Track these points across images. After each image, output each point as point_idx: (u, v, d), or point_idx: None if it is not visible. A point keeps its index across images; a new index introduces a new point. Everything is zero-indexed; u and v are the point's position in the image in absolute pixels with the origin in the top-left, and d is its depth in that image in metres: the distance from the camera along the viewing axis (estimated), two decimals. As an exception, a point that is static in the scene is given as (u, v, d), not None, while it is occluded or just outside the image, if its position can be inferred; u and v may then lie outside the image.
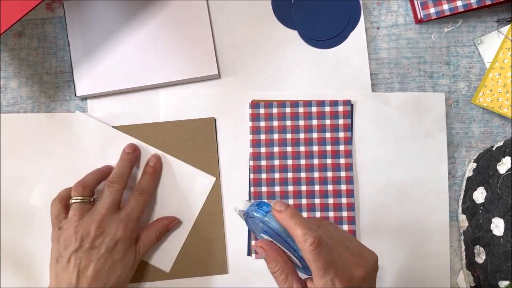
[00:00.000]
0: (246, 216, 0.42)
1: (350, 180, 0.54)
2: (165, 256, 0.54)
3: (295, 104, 0.54)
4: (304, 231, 0.38)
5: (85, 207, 0.49)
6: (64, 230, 0.48)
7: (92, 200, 0.50)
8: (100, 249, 0.47)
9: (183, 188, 0.54)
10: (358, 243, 0.44)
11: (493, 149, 0.52)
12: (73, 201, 0.49)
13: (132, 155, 0.53)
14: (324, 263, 0.37)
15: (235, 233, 0.54)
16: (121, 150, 0.53)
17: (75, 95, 0.54)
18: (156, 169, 0.53)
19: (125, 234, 0.48)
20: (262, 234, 0.41)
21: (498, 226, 0.48)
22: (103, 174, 0.52)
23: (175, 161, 0.54)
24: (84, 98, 0.55)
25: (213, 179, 0.54)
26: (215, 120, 0.55)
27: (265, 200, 0.48)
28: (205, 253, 0.54)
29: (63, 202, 0.50)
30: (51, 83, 0.56)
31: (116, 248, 0.47)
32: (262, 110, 0.55)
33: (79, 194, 0.49)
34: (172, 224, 0.53)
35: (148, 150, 0.54)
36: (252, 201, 0.43)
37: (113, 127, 0.55)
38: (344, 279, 0.38)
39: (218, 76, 0.55)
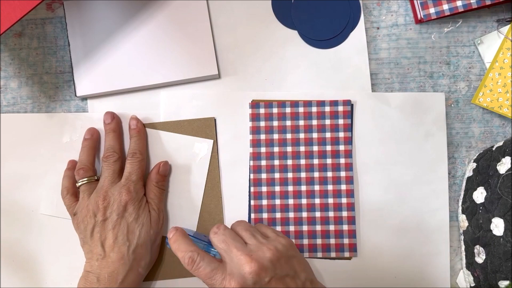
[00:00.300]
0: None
1: (350, 180, 0.54)
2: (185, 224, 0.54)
3: (295, 104, 0.54)
4: (182, 254, 0.45)
5: (91, 186, 0.51)
6: (79, 214, 0.50)
7: (96, 178, 0.52)
8: (112, 217, 0.48)
9: (184, 158, 0.54)
10: (269, 233, 0.48)
11: (493, 149, 0.52)
12: (80, 184, 0.52)
13: (113, 124, 0.53)
14: (206, 274, 0.43)
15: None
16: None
17: (75, 95, 0.54)
18: (139, 129, 0.53)
19: (130, 196, 0.49)
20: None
21: (498, 226, 0.48)
22: (94, 147, 0.54)
23: (167, 135, 0.54)
24: (84, 98, 0.56)
25: (211, 141, 0.54)
26: (215, 120, 0.55)
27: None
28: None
29: (71, 191, 0.52)
30: (51, 83, 0.56)
31: (127, 211, 0.49)
32: (262, 110, 0.55)
33: (83, 176, 0.52)
34: (161, 167, 0.53)
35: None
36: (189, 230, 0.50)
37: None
38: (233, 279, 0.42)
39: (218, 76, 0.55)
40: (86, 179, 0.51)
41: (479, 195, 0.51)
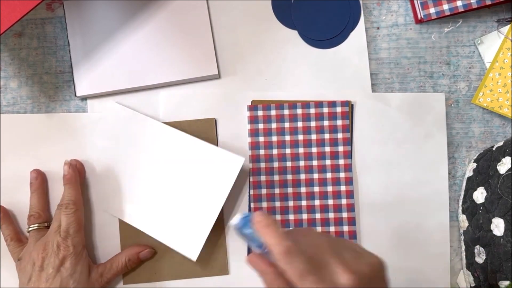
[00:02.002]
0: (238, 230, 0.41)
1: (349, 181, 0.54)
2: (192, 244, 0.51)
3: (293, 105, 0.54)
4: (276, 240, 0.37)
5: (40, 233, 0.51)
6: (23, 260, 0.50)
7: (47, 225, 0.52)
8: (47, 270, 0.48)
9: (207, 172, 0.52)
10: (358, 250, 0.42)
11: (493, 149, 0.52)
12: (30, 229, 0.51)
13: (70, 176, 0.52)
14: (298, 271, 0.36)
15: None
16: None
17: (75, 95, 0.54)
18: (70, 177, 0.51)
19: (67, 251, 0.48)
20: (254, 247, 0.40)
21: (498, 226, 0.48)
22: (43, 190, 0.53)
23: (196, 142, 0.52)
24: (84, 98, 0.55)
25: (242, 159, 0.51)
26: (215, 120, 0.55)
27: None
28: (206, 254, 0.54)
29: (15, 238, 0.52)
30: (51, 83, 0.56)
31: (63, 266, 0.48)
32: (260, 113, 0.55)
33: (33, 223, 0.52)
34: (144, 252, 0.52)
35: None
36: (244, 213, 0.41)
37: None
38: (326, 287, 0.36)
39: (218, 76, 0.55)
40: (36, 225, 0.51)
41: (479, 195, 0.51)
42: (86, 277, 0.49)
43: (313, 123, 0.54)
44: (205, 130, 0.54)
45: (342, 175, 0.54)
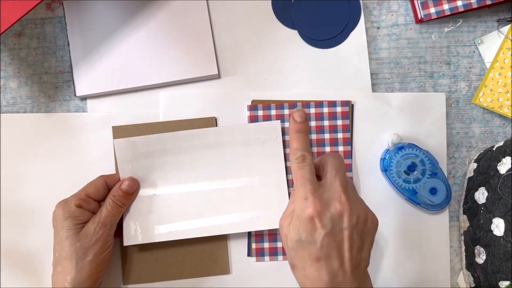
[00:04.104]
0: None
1: (350, 181, 0.54)
2: (279, 215, 0.50)
3: (293, 105, 0.54)
4: (297, 146, 0.44)
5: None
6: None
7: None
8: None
9: (256, 147, 0.53)
10: (365, 205, 0.45)
11: (494, 149, 0.52)
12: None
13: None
14: (304, 177, 0.42)
15: (237, 233, 0.54)
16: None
17: (75, 95, 0.54)
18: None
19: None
20: None
21: (498, 226, 0.48)
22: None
23: (229, 128, 0.53)
24: (84, 98, 0.55)
25: (278, 122, 0.53)
26: (215, 119, 0.55)
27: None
28: (207, 253, 0.54)
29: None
30: (51, 83, 0.56)
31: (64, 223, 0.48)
32: (260, 112, 0.54)
33: None
34: (124, 183, 0.51)
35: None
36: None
37: (113, 127, 0.54)
38: (318, 199, 0.41)
39: (218, 76, 0.55)
40: None
41: (481, 195, 0.51)
42: (76, 234, 0.48)
43: (313, 123, 0.54)
44: (205, 128, 0.54)
45: (342, 175, 0.54)
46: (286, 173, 0.53)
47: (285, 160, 0.53)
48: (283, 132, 0.53)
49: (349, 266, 0.41)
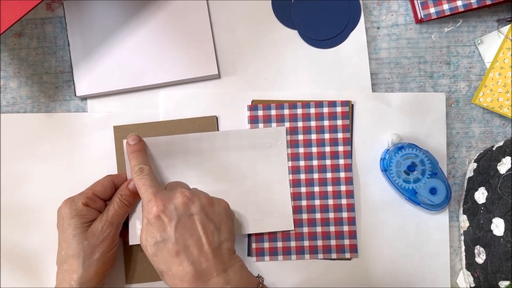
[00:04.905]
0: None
1: (349, 181, 0.54)
2: (282, 217, 0.53)
3: (293, 105, 0.54)
4: (135, 162, 0.48)
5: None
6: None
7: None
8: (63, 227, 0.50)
9: (259, 151, 0.53)
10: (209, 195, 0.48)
11: (493, 149, 0.52)
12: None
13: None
14: (145, 184, 0.46)
15: (237, 233, 0.54)
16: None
17: (75, 95, 0.54)
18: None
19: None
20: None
21: (498, 226, 0.48)
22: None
23: (235, 133, 0.53)
24: (84, 98, 0.55)
25: (283, 128, 0.54)
26: (217, 118, 0.55)
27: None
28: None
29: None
30: (51, 83, 0.56)
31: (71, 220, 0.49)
32: (260, 112, 0.54)
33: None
34: (132, 183, 0.51)
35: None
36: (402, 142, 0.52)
37: (114, 126, 0.54)
38: (159, 197, 0.44)
39: (218, 76, 0.55)
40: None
41: (481, 195, 0.51)
42: (83, 232, 0.48)
43: (313, 123, 0.54)
44: (206, 127, 0.54)
45: (342, 175, 0.54)
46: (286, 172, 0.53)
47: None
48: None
49: (210, 251, 0.42)
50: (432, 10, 0.54)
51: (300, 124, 0.54)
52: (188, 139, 0.52)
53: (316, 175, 0.54)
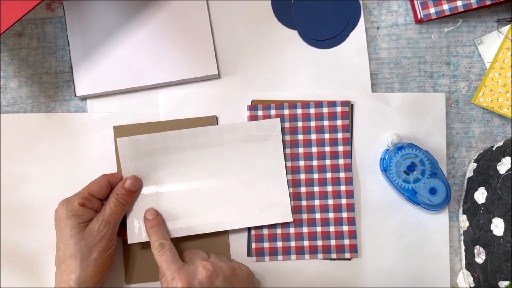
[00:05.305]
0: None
1: (349, 181, 0.54)
2: (281, 209, 0.53)
3: (293, 105, 0.54)
4: (155, 238, 0.49)
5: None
6: None
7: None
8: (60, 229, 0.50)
9: (255, 143, 0.53)
10: (231, 262, 0.50)
11: (493, 149, 0.52)
12: None
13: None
14: (167, 261, 0.47)
15: (238, 233, 0.54)
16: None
17: (75, 95, 0.54)
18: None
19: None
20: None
21: (498, 226, 0.48)
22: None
23: (230, 126, 0.53)
24: (84, 98, 0.55)
25: (278, 120, 0.54)
26: (217, 118, 0.55)
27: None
28: (210, 252, 0.54)
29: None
30: (51, 83, 0.56)
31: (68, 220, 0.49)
32: (260, 112, 0.55)
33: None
34: (127, 181, 0.51)
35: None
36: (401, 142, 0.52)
37: (114, 126, 0.54)
38: (183, 274, 0.45)
39: (218, 76, 0.55)
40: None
41: (480, 195, 0.51)
42: (81, 232, 0.48)
43: (313, 123, 0.54)
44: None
45: (342, 175, 0.54)
46: (286, 171, 0.54)
47: (285, 157, 0.54)
48: (283, 131, 0.54)
49: None
50: (432, 10, 0.54)
51: (300, 124, 0.54)
52: (183, 135, 0.53)
53: (316, 175, 0.54)
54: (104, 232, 0.48)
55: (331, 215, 0.54)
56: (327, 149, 0.54)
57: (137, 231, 0.52)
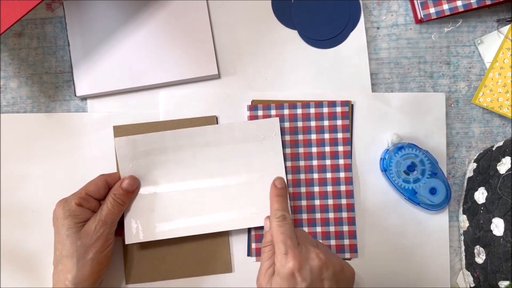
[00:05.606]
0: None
1: (349, 181, 0.54)
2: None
3: (293, 105, 0.54)
4: (278, 207, 0.49)
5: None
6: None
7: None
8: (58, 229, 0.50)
9: (253, 143, 0.53)
10: (339, 258, 0.48)
11: (493, 149, 0.52)
12: None
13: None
14: (284, 233, 0.46)
15: (239, 233, 0.54)
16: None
17: (75, 95, 0.54)
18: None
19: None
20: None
21: (498, 226, 0.48)
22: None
23: (228, 126, 0.53)
24: (84, 98, 0.55)
25: (276, 119, 0.53)
26: (217, 118, 0.55)
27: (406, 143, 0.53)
28: (210, 252, 0.54)
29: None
30: (51, 83, 0.56)
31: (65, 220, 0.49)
32: (260, 112, 0.55)
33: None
34: (124, 181, 0.51)
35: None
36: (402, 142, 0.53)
37: (114, 126, 0.54)
38: (297, 253, 0.44)
39: (218, 76, 0.55)
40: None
41: (480, 195, 0.51)
42: (77, 232, 0.48)
43: (313, 123, 0.54)
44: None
45: (342, 175, 0.54)
46: (286, 171, 0.53)
47: (285, 157, 0.54)
48: (283, 131, 0.54)
49: None
50: (432, 10, 0.54)
51: (300, 124, 0.54)
52: (180, 135, 0.52)
53: (316, 175, 0.54)
54: (100, 232, 0.48)
55: (331, 215, 0.54)
56: (327, 149, 0.54)
57: (134, 232, 0.52)
